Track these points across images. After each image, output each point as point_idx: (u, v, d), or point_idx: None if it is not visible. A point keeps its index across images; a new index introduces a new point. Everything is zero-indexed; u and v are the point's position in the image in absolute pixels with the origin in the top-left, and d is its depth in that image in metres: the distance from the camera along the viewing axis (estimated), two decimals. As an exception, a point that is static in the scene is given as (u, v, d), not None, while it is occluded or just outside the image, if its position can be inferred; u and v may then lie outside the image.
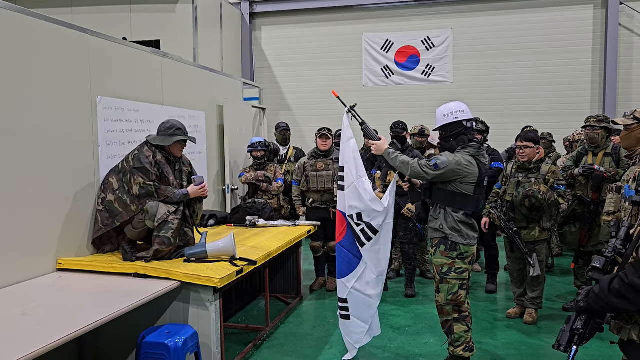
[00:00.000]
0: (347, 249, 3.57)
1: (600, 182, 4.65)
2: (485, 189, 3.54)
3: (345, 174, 3.52)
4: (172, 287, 3.27)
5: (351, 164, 3.50)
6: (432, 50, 9.38)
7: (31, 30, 3.33)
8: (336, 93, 3.67)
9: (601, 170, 4.64)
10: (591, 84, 8.87)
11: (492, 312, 4.95)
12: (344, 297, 3.61)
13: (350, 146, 3.53)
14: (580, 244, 4.86)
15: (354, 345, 3.69)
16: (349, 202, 3.49)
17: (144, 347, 3.01)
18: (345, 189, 3.52)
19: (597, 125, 4.77)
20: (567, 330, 2.01)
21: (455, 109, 3.45)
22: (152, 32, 8.21)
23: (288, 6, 9.82)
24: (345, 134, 3.58)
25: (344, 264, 3.59)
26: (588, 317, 1.97)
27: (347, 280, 3.58)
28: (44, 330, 2.44)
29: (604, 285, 1.85)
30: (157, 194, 3.63)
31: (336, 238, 3.65)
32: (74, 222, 3.66)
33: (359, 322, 3.63)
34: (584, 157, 4.92)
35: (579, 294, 1.99)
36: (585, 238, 4.79)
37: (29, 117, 3.28)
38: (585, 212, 4.78)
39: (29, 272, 3.32)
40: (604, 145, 4.81)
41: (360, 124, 3.59)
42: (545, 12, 8.92)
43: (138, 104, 4.41)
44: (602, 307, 1.88)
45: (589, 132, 4.84)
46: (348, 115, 3.60)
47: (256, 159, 5.77)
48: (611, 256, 1.97)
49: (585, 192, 4.78)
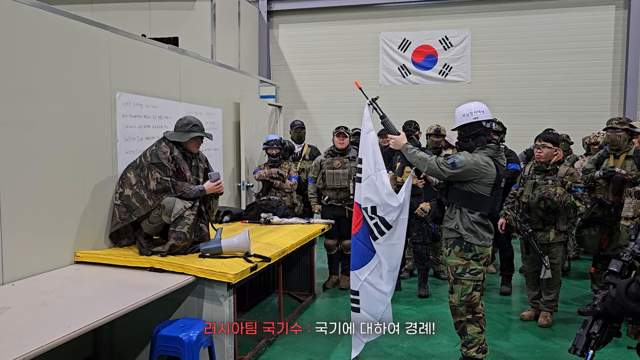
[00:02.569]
0: (362, 242, 3.55)
1: (620, 185, 4.58)
2: (502, 191, 3.51)
3: (364, 166, 3.50)
4: (187, 281, 3.31)
5: (370, 157, 3.48)
6: (450, 49, 9.31)
7: (53, 26, 3.39)
8: (359, 84, 3.65)
9: (622, 173, 4.57)
10: (611, 85, 8.73)
11: (506, 314, 4.91)
12: (356, 290, 3.59)
13: (370, 138, 3.52)
14: (600, 248, 4.79)
15: (362, 339, 3.65)
16: (364, 195, 3.48)
17: (159, 340, 3.05)
18: (362, 181, 3.51)
19: (619, 128, 4.70)
20: (583, 335, 1.98)
21: (475, 109, 3.42)
22: (171, 29, 8.29)
23: (305, 4, 9.83)
24: (365, 126, 3.56)
25: (358, 256, 3.58)
26: (605, 322, 1.95)
27: (361, 272, 3.57)
28: (61, 320, 2.49)
29: (621, 289, 1.83)
30: (174, 189, 3.66)
31: (352, 230, 3.62)
32: (91, 215, 3.72)
33: (368, 317, 3.59)
34: (605, 160, 4.85)
35: (595, 298, 1.96)
36: (605, 241, 4.73)
37: (50, 111, 3.34)
38: (605, 215, 4.71)
39: (49, 264, 3.38)
40: (626, 148, 4.74)
41: (381, 117, 3.56)
42: (566, 13, 8.80)
43: (156, 100, 4.45)
44: (619, 311, 1.86)
45: (610, 134, 4.76)
46: (369, 107, 3.57)
47: (271, 157, 5.80)
48: (629, 260, 1.95)
49: (606, 195, 4.71)
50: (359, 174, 3.54)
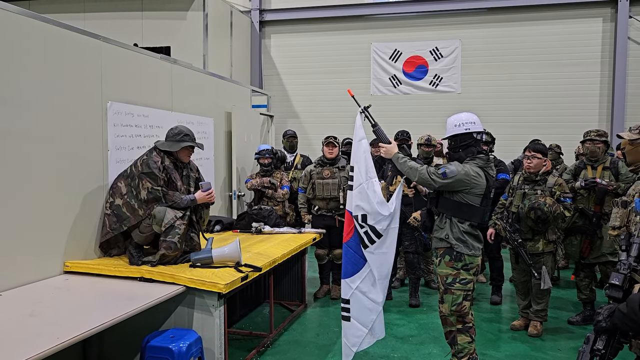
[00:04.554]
0: (353, 250, 3.53)
1: (603, 195, 4.70)
2: (491, 201, 3.54)
3: (355, 174, 3.50)
4: (177, 291, 3.29)
5: (361, 165, 3.48)
6: (440, 60, 9.41)
7: (44, 35, 3.39)
8: (351, 92, 3.67)
9: (603, 184, 4.67)
10: (599, 96, 8.85)
11: (496, 323, 4.93)
12: (347, 298, 3.57)
13: (362, 146, 3.51)
14: (582, 256, 4.87)
15: (351, 348, 3.60)
16: (355, 202, 3.47)
17: (148, 351, 3.03)
18: (353, 189, 3.51)
19: (597, 139, 4.82)
20: (587, 351, 1.94)
21: (467, 120, 3.45)
22: (163, 39, 8.30)
23: (298, 15, 9.90)
24: (357, 134, 3.55)
25: (349, 264, 3.55)
26: (609, 337, 1.92)
27: (352, 280, 3.54)
28: (50, 331, 2.47)
29: (634, 304, 1.80)
30: (165, 198, 3.66)
31: (344, 237, 3.60)
32: (81, 225, 3.70)
33: (358, 325, 3.56)
34: (582, 171, 4.95)
35: (599, 314, 1.92)
36: (587, 250, 4.81)
37: (40, 120, 3.33)
38: (586, 224, 4.80)
39: (37, 274, 3.35)
40: (603, 159, 4.85)
41: (373, 125, 3.57)
42: (554, 25, 8.93)
43: (147, 110, 4.46)
44: (631, 327, 1.82)
45: (589, 146, 4.88)
46: (361, 115, 3.58)
47: (263, 166, 5.81)
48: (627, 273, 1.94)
49: (587, 204, 4.81)
50: (351, 182, 3.55)
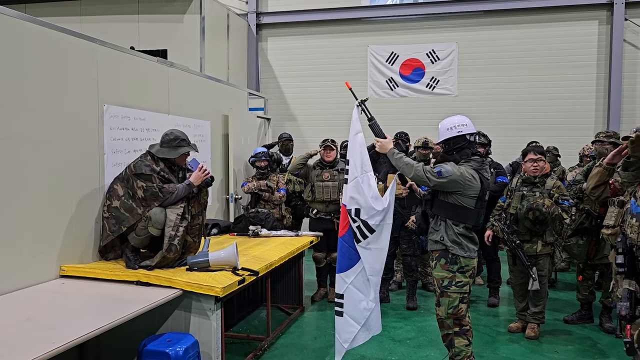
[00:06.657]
0: (348, 244, 3.51)
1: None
2: (486, 203, 3.53)
3: (350, 167, 3.48)
4: (174, 295, 3.28)
5: (357, 158, 3.47)
6: (437, 63, 9.42)
7: (40, 39, 3.38)
8: (349, 84, 3.65)
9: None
10: (595, 99, 8.87)
11: (493, 326, 4.93)
12: (341, 293, 3.54)
13: (358, 140, 3.50)
14: (588, 257, 4.86)
15: (343, 345, 3.57)
16: (350, 194, 3.46)
17: (145, 355, 3.02)
18: (348, 182, 3.50)
19: (605, 141, 4.82)
20: None
21: (459, 122, 3.46)
22: (160, 42, 8.29)
23: (294, 18, 9.90)
24: (353, 128, 3.53)
25: (344, 259, 3.53)
26: None
27: (347, 275, 3.52)
28: (46, 336, 2.46)
29: None
30: (162, 192, 3.62)
31: (339, 232, 3.59)
32: (77, 229, 3.69)
33: (350, 321, 3.53)
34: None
35: None
36: (593, 251, 4.79)
37: (37, 123, 3.32)
38: (592, 225, 4.78)
39: (33, 278, 3.34)
40: None
41: (369, 119, 3.56)
42: (550, 27, 8.96)
43: (144, 113, 4.45)
44: None
45: (597, 147, 4.88)
46: (358, 109, 3.57)
47: (259, 169, 5.81)
48: None
49: (594, 206, 4.80)
50: (346, 175, 3.53)
